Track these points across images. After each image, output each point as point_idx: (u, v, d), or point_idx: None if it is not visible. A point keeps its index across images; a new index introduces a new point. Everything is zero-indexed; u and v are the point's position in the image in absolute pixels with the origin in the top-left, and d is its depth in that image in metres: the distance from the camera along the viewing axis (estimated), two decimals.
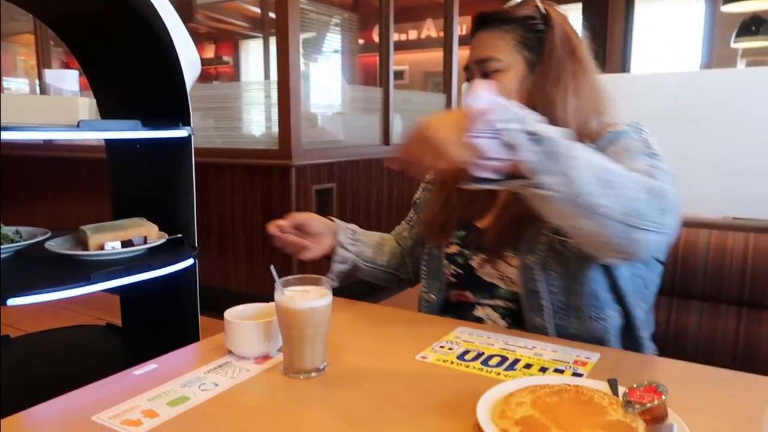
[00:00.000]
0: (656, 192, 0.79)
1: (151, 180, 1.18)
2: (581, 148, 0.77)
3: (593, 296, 0.97)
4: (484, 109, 0.71)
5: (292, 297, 0.80)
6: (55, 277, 1.03)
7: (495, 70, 1.00)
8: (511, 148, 0.72)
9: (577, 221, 0.78)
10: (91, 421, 0.69)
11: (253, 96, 3.42)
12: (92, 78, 1.49)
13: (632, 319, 1.00)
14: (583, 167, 0.74)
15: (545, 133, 0.73)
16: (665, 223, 0.80)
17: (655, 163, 0.89)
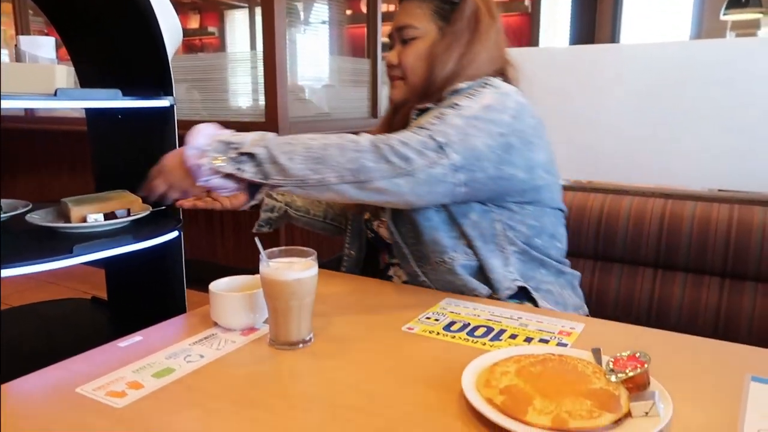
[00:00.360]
0: (383, 145, 0.89)
1: (133, 152, 1.16)
2: (293, 140, 0.90)
3: (435, 243, 1.03)
4: (197, 155, 0.87)
5: (278, 269, 0.80)
6: (37, 250, 1.02)
7: (411, 37, 1.07)
8: (234, 174, 0.87)
9: (324, 196, 0.91)
10: (76, 392, 0.69)
11: (238, 67, 3.36)
12: (72, 48, 1.45)
13: (482, 262, 1.03)
14: (294, 159, 0.87)
15: (255, 148, 0.87)
16: (413, 167, 0.89)
17: (442, 113, 0.96)
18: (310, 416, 0.65)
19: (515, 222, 1.05)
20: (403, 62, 1.08)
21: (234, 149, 0.88)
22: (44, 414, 0.65)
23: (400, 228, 1.07)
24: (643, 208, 1.26)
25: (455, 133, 0.93)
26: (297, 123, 3.03)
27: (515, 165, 0.99)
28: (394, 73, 1.11)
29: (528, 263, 1.06)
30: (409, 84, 1.09)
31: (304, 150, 0.88)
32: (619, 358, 0.67)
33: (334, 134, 0.92)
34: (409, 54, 1.08)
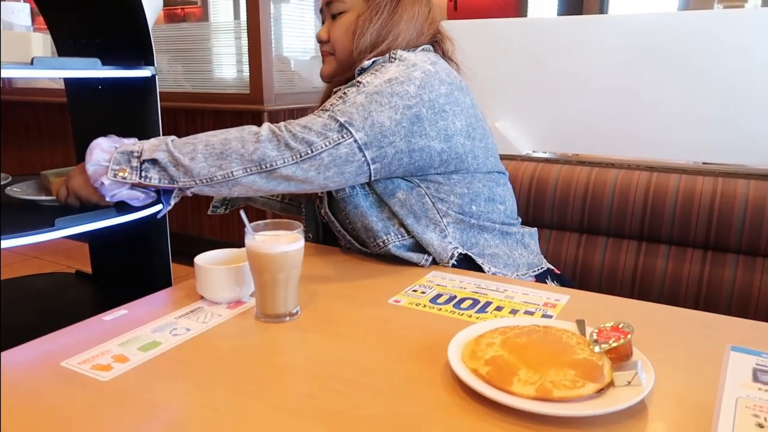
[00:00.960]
0: (282, 131, 0.91)
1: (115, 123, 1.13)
2: (193, 139, 0.92)
3: (367, 228, 1.04)
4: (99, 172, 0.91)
5: (264, 241, 0.79)
6: (18, 224, 1.00)
7: (340, 11, 1.07)
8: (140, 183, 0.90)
9: (234, 191, 0.92)
10: (61, 366, 0.69)
11: (222, 37, 3.30)
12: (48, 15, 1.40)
13: (419, 238, 1.02)
14: (196, 158, 0.89)
15: (156, 153, 0.89)
16: (311, 148, 0.90)
17: (345, 92, 0.96)
18: (297, 388, 0.65)
19: (444, 193, 1.04)
20: (332, 37, 1.07)
21: (136, 158, 0.90)
22: (29, 387, 0.65)
23: (337, 215, 1.08)
24: (629, 181, 1.26)
25: (357, 111, 0.93)
26: (283, 95, 2.99)
27: (428, 136, 0.97)
28: (325, 49, 1.10)
29: (467, 231, 1.06)
30: (337, 59, 1.09)
31: (204, 148, 0.90)
32: (603, 329, 0.68)
33: (234, 128, 0.93)
34: (337, 28, 1.07)
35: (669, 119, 1.56)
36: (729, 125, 1.50)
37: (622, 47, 1.60)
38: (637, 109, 1.59)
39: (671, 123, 1.56)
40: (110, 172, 0.90)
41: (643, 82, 1.58)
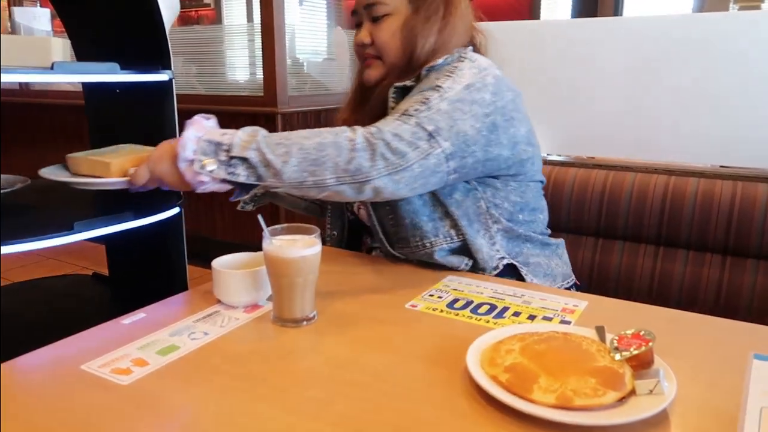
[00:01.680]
0: (378, 141, 0.87)
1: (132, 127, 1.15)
2: (286, 139, 0.86)
3: (415, 227, 1.02)
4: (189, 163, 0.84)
5: (281, 246, 0.80)
6: (36, 226, 1.01)
7: (383, 14, 1.03)
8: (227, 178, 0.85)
9: (320, 196, 0.89)
10: (81, 369, 0.69)
11: (235, 40, 3.31)
12: (67, 19, 1.42)
13: (468, 241, 1.02)
14: (289, 162, 0.84)
15: (247, 152, 0.84)
16: (407, 160, 0.87)
17: (426, 97, 0.93)
18: (314, 393, 0.65)
19: (499, 199, 1.04)
20: (378, 40, 1.04)
21: (224, 152, 0.85)
22: (50, 391, 0.66)
23: (378, 210, 1.06)
24: (646, 185, 1.25)
25: (442, 119, 0.91)
26: (296, 97, 3.00)
27: (501, 144, 0.97)
28: (368, 52, 1.07)
29: (513, 240, 1.06)
30: (386, 63, 1.06)
31: (299, 151, 0.85)
32: (624, 336, 0.67)
33: (326, 130, 0.89)
34: (383, 31, 1.04)
35: (686, 122, 1.54)
36: (747, 128, 1.48)
37: (637, 49, 1.59)
38: (654, 111, 1.57)
39: (688, 126, 1.54)
40: (196, 163, 0.84)
41: (660, 84, 1.56)
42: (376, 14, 1.04)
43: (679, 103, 1.55)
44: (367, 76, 1.08)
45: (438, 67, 1.00)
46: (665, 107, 1.57)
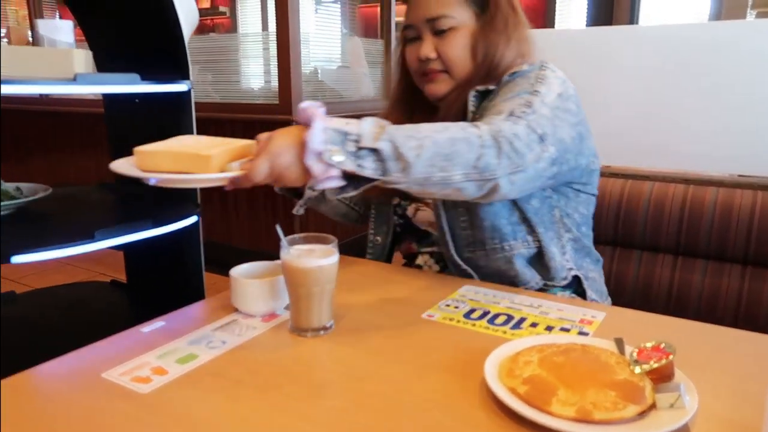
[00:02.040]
0: (503, 139, 0.83)
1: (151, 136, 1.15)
2: (416, 132, 0.79)
3: (494, 229, 1.00)
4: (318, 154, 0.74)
5: (299, 256, 0.80)
6: (57, 235, 1.03)
7: (449, 27, 1.01)
8: (353, 171, 0.76)
9: (438, 193, 0.83)
10: (101, 377, 0.70)
11: (251, 48, 3.35)
12: (86, 29, 1.44)
13: (543, 249, 1.01)
14: (421, 155, 0.77)
15: (379, 143, 0.76)
16: (526, 162, 0.84)
17: (529, 100, 0.91)
18: (331, 403, 0.65)
19: (571, 209, 1.04)
20: (445, 55, 1.02)
21: (353, 142, 0.76)
22: (71, 398, 0.66)
23: (451, 212, 1.03)
24: (664, 194, 1.24)
25: (547, 124, 0.89)
26: None
27: (583, 154, 0.98)
28: (433, 67, 1.04)
29: (579, 251, 1.06)
30: (455, 76, 1.04)
31: (432, 145, 0.78)
32: (644, 349, 0.67)
33: (452, 124, 0.83)
34: (451, 46, 1.02)
35: (704, 130, 1.53)
36: (765, 136, 1.46)
37: (654, 57, 1.58)
38: (672, 120, 1.56)
39: (707, 134, 1.53)
40: (326, 154, 0.74)
41: (677, 92, 1.55)
42: (441, 27, 1.02)
43: (696, 111, 1.53)
44: (432, 90, 1.06)
45: (523, 73, 0.99)
46: (683, 116, 1.55)
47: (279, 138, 0.77)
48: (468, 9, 1.02)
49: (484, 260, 1.03)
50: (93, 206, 1.13)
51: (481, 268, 1.03)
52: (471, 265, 1.03)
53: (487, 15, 1.02)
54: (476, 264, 1.03)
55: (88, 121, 3.60)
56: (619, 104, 1.63)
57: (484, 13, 1.03)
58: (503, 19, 1.02)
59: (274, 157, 0.76)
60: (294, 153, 0.75)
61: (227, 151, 0.83)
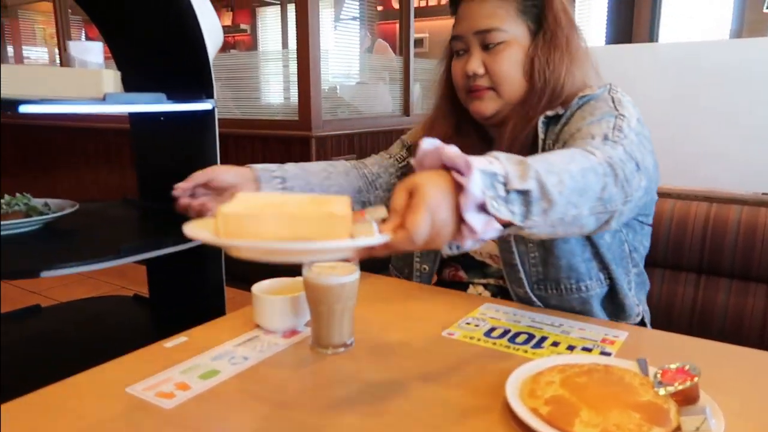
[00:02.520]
0: (617, 166, 0.76)
1: (175, 152, 1.19)
2: (551, 165, 0.70)
3: (570, 268, 0.96)
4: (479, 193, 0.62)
5: (320, 273, 0.81)
6: (84, 250, 1.05)
7: (500, 41, 0.95)
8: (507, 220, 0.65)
9: (562, 233, 0.75)
10: (126, 392, 0.71)
11: (271, 66, 3.40)
12: (114, 48, 1.48)
13: (616, 286, 0.98)
14: (563, 192, 0.68)
15: (528, 183, 0.66)
16: (632, 191, 0.78)
17: (617, 124, 0.86)
18: (352, 420, 0.65)
19: (637, 242, 1.01)
20: (495, 71, 0.96)
21: (501, 184, 0.64)
22: (97, 412, 0.67)
23: (521, 247, 0.97)
24: (686, 212, 1.23)
25: (638, 150, 0.82)
26: (330, 121, 3.05)
27: (656, 182, 0.94)
28: (480, 83, 0.97)
29: (639, 286, 1.03)
30: (504, 95, 0.97)
31: (569, 179, 0.69)
32: (668, 370, 0.66)
33: (576, 151, 0.77)
34: (501, 62, 0.96)
35: (727, 148, 1.51)
36: None
37: (674, 75, 1.58)
38: (694, 137, 1.55)
39: (730, 152, 1.51)
40: (489, 203, 0.62)
41: (699, 109, 1.54)
42: (491, 42, 0.95)
43: (718, 129, 1.52)
44: (478, 108, 0.99)
45: (595, 96, 0.94)
46: (704, 133, 1.54)
47: (432, 187, 0.61)
48: (522, 24, 0.96)
49: (556, 299, 0.98)
50: (118, 221, 1.15)
51: (552, 307, 0.98)
52: (544, 303, 0.99)
53: (544, 32, 0.96)
54: (547, 303, 0.99)
55: (110, 136, 3.67)
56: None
57: (541, 30, 0.97)
58: (563, 37, 0.96)
59: (434, 213, 0.61)
60: (449, 205, 0.62)
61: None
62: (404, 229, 0.60)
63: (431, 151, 0.64)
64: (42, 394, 0.71)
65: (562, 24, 0.97)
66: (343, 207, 0.62)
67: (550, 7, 0.97)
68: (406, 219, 0.60)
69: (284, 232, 0.60)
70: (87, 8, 1.48)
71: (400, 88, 3.68)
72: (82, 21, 4.49)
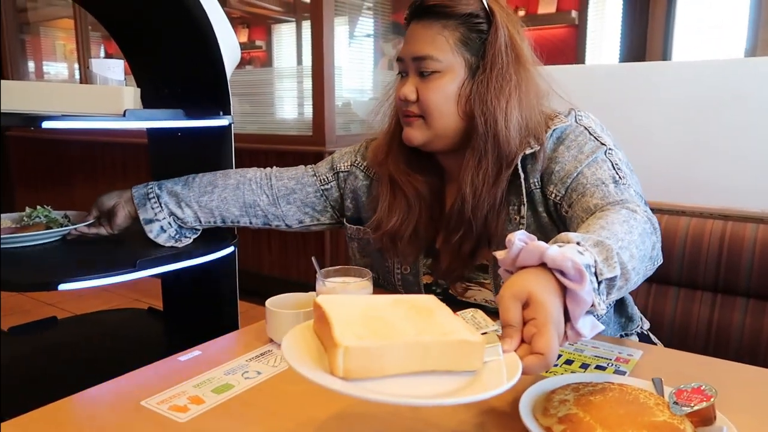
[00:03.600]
0: (653, 218, 0.80)
1: (192, 166, 1.20)
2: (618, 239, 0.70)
3: None
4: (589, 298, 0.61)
5: (334, 288, 0.81)
6: (101, 263, 1.06)
7: (433, 70, 0.91)
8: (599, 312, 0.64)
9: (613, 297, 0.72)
10: (140, 405, 0.72)
11: (286, 82, 3.44)
12: (133, 65, 1.51)
13: (624, 300, 0.99)
14: (636, 267, 0.70)
15: (615, 270, 0.66)
16: (656, 236, 0.80)
17: (613, 161, 0.89)
18: None
19: None
20: (424, 100, 0.92)
21: (594, 275, 0.64)
22: (111, 425, 0.68)
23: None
24: (701, 230, 1.22)
25: (635, 183, 0.86)
26: (343, 136, 3.07)
27: None
28: (411, 110, 0.94)
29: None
30: (431, 126, 0.94)
31: (637, 251, 0.70)
32: (683, 390, 0.65)
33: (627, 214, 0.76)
34: (431, 91, 0.92)
35: (742, 165, 1.51)
36: None
37: (689, 93, 1.57)
38: (708, 155, 1.54)
39: (744, 169, 1.50)
40: (598, 301, 0.62)
41: (713, 127, 1.54)
42: (425, 69, 0.92)
43: (733, 146, 1.52)
44: (407, 135, 0.96)
45: (569, 128, 0.93)
46: (719, 151, 1.54)
47: (549, 297, 0.60)
48: (459, 55, 0.92)
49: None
50: (133, 234, 1.16)
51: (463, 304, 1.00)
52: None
53: (483, 69, 0.91)
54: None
55: (125, 149, 3.72)
56: (654, 140, 1.62)
57: (479, 63, 0.92)
58: (502, 76, 0.90)
59: (558, 328, 0.60)
60: (560, 310, 0.61)
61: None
62: (538, 355, 0.57)
63: (529, 249, 0.64)
64: (57, 407, 0.72)
65: (503, 62, 0.91)
66: (473, 332, 0.59)
67: (492, 44, 0.91)
68: (536, 344, 0.58)
69: (414, 364, 0.56)
70: (107, 25, 1.51)
71: None
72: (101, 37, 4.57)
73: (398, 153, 1.02)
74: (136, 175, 3.68)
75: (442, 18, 0.91)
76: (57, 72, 5.23)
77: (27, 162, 4.42)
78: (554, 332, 0.58)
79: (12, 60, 4.40)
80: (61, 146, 4.07)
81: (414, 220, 1.00)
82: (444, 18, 0.91)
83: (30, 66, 4.73)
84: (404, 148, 1.01)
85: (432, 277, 1.04)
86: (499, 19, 0.92)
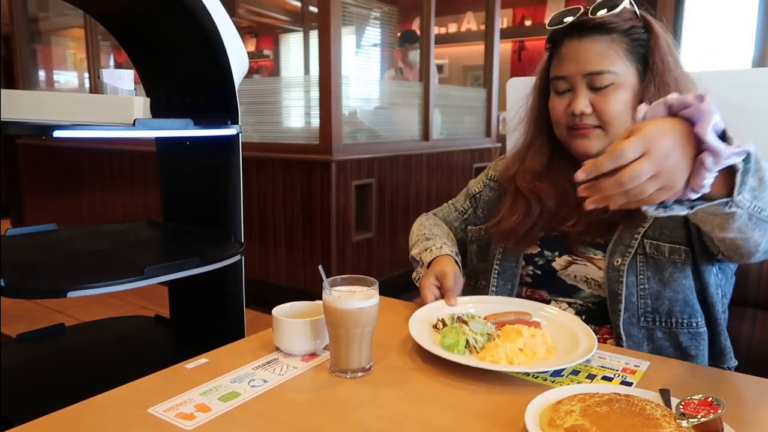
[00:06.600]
0: None
1: (200, 176, 1.22)
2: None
3: (686, 303, 0.96)
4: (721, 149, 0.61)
5: (340, 297, 0.81)
6: (109, 271, 1.07)
7: (610, 83, 0.96)
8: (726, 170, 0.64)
9: (750, 231, 0.73)
10: (147, 413, 0.72)
11: (293, 91, 3.46)
12: (143, 74, 1.53)
13: (717, 328, 0.97)
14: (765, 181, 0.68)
15: (747, 146, 0.65)
16: None
17: None
18: None
19: (727, 289, 1.02)
20: (604, 112, 0.97)
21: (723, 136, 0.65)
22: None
23: (630, 278, 0.96)
24: None
25: None
26: (350, 145, 3.08)
27: None
28: (587, 122, 0.98)
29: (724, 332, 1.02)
30: (610, 134, 0.98)
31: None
32: (690, 402, 0.65)
33: None
34: (611, 103, 0.96)
35: None
36: None
37: None
38: None
39: None
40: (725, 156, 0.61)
41: None
42: (602, 84, 0.96)
43: None
44: (583, 146, 1.00)
45: None
46: None
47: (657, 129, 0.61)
48: (631, 65, 0.97)
49: (665, 333, 0.97)
50: (142, 243, 1.17)
51: (660, 340, 0.97)
52: (649, 337, 0.98)
53: (653, 75, 0.97)
54: (655, 335, 0.97)
55: (134, 158, 3.75)
56: None
57: (649, 71, 0.98)
58: (672, 79, 0.97)
59: (663, 159, 0.60)
60: (688, 155, 0.62)
61: None
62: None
63: (652, 107, 0.65)
64: (64, 414, 0.72)
65: (669, 66, 0.97)
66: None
67: (657, 50, 0.97)
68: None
69: None
70: (117, 36, 1.53)
71: (419, 113, 3.71)
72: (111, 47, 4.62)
73: (528, 167, 1.09)
74: (144, 182, 3.71)
75: (605, 33, 0.96)
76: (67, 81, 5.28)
77: (36, 169, 4.46)
78: (634, 140, 0.59)
79: (23, 69, 4.46)
80: (70, 154, 4.11)
81: (532, 221, 1.06)
82: (608, 32, 0.96)
83: (41, 75, 4.78)
84: (534, 163, 1.09)
85: (538, 247, 1.07)
86: (653, 25, 0.99)
